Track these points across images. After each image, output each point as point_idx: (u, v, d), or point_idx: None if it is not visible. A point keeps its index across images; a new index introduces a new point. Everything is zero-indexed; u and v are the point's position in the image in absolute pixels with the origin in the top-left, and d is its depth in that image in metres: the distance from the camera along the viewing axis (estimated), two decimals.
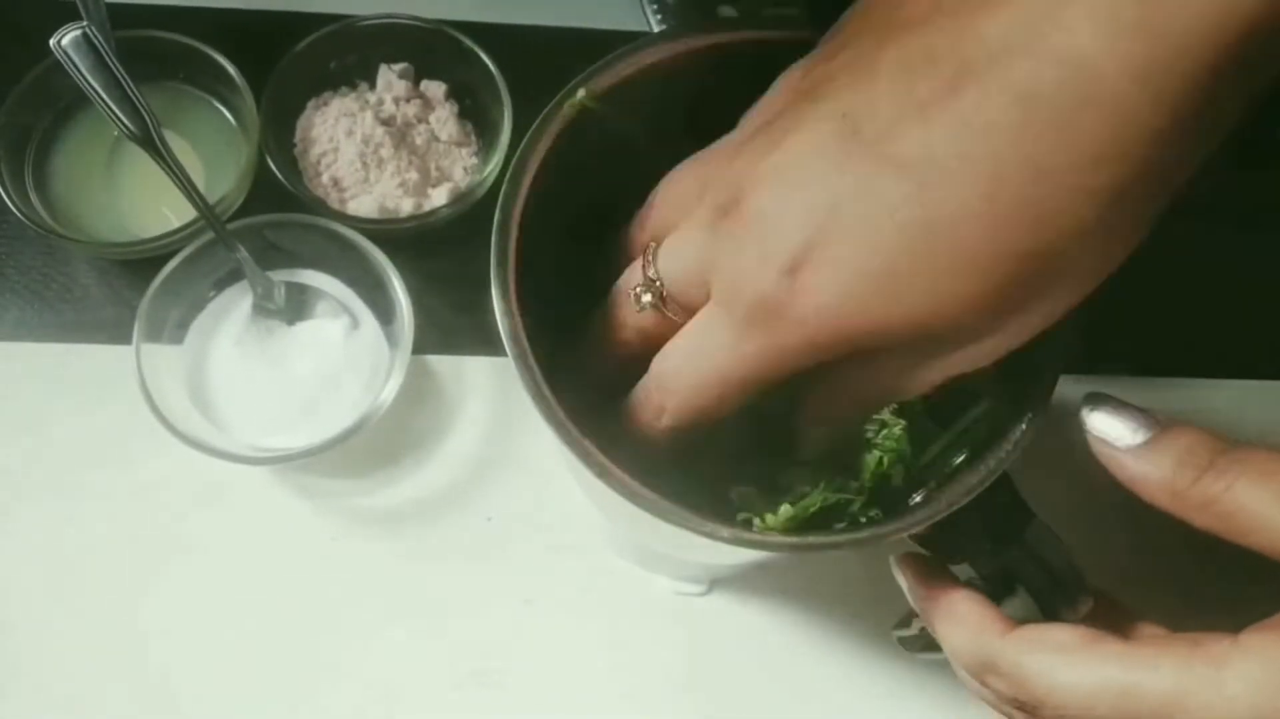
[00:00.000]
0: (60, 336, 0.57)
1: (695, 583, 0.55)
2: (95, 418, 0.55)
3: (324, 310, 0.57)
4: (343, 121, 0.59)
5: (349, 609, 0.53)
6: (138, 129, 0.51)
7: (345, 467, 0.56)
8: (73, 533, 0.53)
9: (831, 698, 0.54)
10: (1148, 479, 0.34)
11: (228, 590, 0.53)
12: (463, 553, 0.55)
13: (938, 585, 0.39)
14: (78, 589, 0.53)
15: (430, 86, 0.61)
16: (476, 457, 0.57)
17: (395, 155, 0.58)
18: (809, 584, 0.55)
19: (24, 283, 0.58)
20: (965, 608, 0.37)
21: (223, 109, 0.60)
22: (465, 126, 0.61)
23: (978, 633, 0.36)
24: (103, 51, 0.49)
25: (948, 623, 0.37)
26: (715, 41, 0.43)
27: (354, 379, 0.55)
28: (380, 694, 0.52)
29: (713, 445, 0.45)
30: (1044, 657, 0.34)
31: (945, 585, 0.39)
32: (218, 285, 0.56)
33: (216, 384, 0.55)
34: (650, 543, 0.50)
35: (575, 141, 0.42)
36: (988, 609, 0.37)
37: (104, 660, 0.52)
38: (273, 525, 0.55)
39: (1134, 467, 0.34)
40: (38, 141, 0.58)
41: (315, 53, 0.59)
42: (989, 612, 0.36)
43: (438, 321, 0.59)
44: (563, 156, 0.42)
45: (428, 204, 0.59)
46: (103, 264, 0.59)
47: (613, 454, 0.36)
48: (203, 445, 0.51)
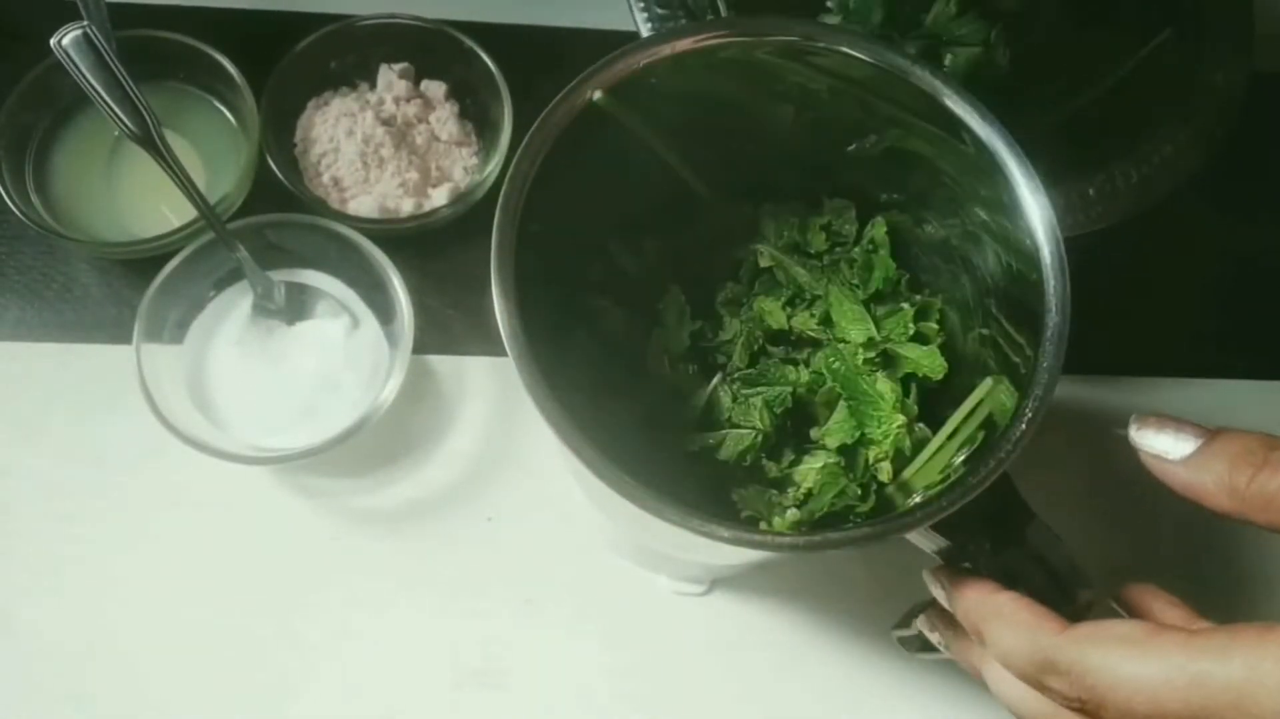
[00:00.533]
0: (60, 336, 0.57)
1: (696, 583, 0.55)
2: (95, 417, 0.55)
3: (324, 310, 0.57)
4: (343, 121, 0.59)
5: (350, 609, 0.53)
6: (138, 129, 0.51)
7: (345, 466, 0.56)
8: (72, 532, 0.53)
9: (833, 697, 0.54)
10: (1204, 486, 0.34)
11: (228, 590, 0.53)
12: (463, 552, 0.55)
13: (980, 589, 0.37)
14: (77, 588, 0.53)
15: (430, 86, 0.61)
16: (477, 456, 0.57)
17: (395, 155, 0.58)
18: (810, 584, 0.55)
19: (24, 282, 0.58)
20: (1015, 608, 0.35)
21: (223, 109, 0.60)
22: (466, 127, 0.61)
23: (1033, 632, 0.34)
24: (103, 51, 0.49)
25: (998, 625, 0.35)
26: (714, 41, 0.43)
27: (354, 379, 0.55)
28: (381, 693, 0.52)
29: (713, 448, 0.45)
30: (1107, 649, 0.32)
31: (989, 589, 0.37)
32: (218, 285, 0.56)
33: (216, 384, 0.55)
34: (650, 543, 0.50)
35: (576, 141, 0.42)
36: (1039, 608, 0.35)
37: (103, 659, 0.52)
38: (273, 525, 0.55)
39: (1188, 476, 0.34)
40: (38, 141, 0.58)
41: (315, 52, 0.59)
42: (1041, 610, 0.35)
43: (438, 321, 0.59)
44: (564, 156, 0.42)
45: (428, 204, 0.59)
46: (103, 264, 0.59)
47: (612, 454, 0.36)
48: (203, 445, 0.51)
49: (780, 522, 0.42)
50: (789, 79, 0.43)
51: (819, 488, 0.43)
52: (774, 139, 0.46)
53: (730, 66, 0.43)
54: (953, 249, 0.45)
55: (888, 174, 0.46)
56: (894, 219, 0.47)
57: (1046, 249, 0.38)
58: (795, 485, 0.44)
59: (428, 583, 0.54)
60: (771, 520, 0.43)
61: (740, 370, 0.46)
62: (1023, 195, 0.39)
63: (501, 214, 0.40)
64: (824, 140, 0.46)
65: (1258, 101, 0.55)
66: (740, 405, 0.44)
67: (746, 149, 0.46)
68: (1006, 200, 0.39)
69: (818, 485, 0.43)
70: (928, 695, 0.54)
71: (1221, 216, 0.65)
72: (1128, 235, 0.52)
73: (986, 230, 0.42)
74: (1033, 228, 0.39)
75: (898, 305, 0.46)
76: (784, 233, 0.48)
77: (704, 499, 0.44)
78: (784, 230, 0.48)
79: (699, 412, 0.45)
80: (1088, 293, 0.39)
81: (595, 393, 0.44)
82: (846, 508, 0.43)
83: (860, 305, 0.45)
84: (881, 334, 0.45)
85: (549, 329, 0.41)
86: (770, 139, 0.46)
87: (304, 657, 0.52)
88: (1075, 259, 0.38)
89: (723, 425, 0.45)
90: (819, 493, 0.43)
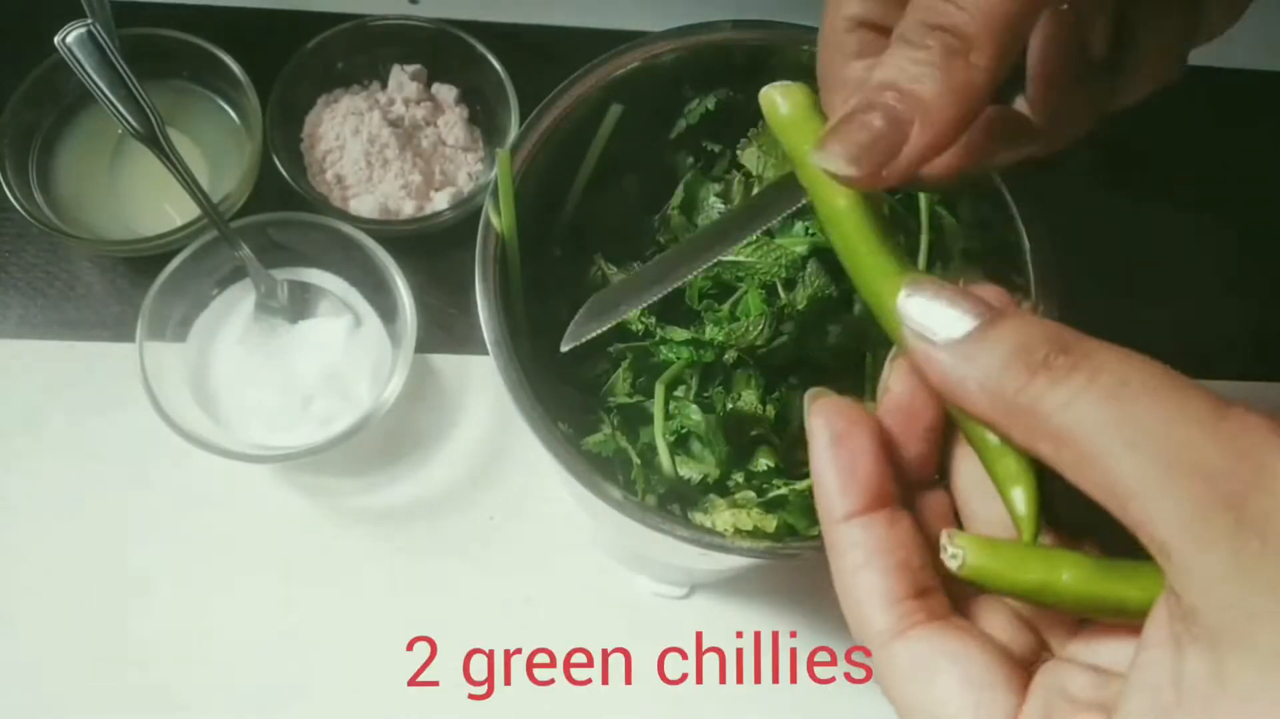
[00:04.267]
0: (63, 334, 0.57)
1: (676, 586, 0.55)
2: (98, 415, 0.55)
3: (327, 309, 0.57)
4: (350, 120, 0.59)
5: (350, 606, 0.54)
6: (142, 127, 0.51)
7: (347, 465, 0.56)
8: (74, 529, 0.54)
9: (818, 708, 0.54)
10: (965, 384, 0.24)
11: (229, 588, 0.53)
12: (464, 551, 0.55)
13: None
14: (79, 585, 0.53)
15: (441, 90, 0.61)
16: (479, 455, 0.57)
17: (400, 156, 0.58)
18: (791, 593, 0.55)
19: (27, 280, 0.58)
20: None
21: (227, 107, 0.60)
22: (473, 132, 0.61)
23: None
24: (107, 49, 0.49)
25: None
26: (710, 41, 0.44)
27: (357, 378, 0.55)
28: (381, 692, 0.52)
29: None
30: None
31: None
32: (221, 283, 0.56)
33: (219, 382, 0.55)
34: (630, 543, 0.51)
35: (565, 142, 0.43)
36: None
37: (104, 657, 0.52)
38: (275, 523, 0.55)
39: (950, 366, 0.24)
40: (42, 139, 0.58)
41: (325, 52, 0.59)
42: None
43: (440, 320, 0.59)
44: (553, 156, 0.43)
45: (429, 207, 0.59)
46: (106, 262, 0.59)
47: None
48: (205, 443, 0.51)
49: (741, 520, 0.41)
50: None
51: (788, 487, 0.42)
52: None
53: (729, 66, 0.43)
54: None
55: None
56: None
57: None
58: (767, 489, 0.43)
59: (429, 581, 0.54)
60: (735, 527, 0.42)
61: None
62: None
63: (486, 215, 0.40)
64: None
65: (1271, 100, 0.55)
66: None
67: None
68: None
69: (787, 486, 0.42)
70: None
71: (1224, 216, 0.65)
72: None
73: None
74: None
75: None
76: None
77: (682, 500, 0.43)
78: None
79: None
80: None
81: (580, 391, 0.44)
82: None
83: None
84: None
85: (536, 330, 0.42)
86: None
87: (304, 654, 0.53)
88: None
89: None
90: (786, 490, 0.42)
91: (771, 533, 0.39)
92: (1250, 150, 0.67)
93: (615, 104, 0.44)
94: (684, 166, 0.47)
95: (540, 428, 0.38)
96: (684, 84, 0.45)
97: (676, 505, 0.42)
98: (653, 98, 0.45)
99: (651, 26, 0.44)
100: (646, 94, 0.44)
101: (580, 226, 0.46)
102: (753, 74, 0.45)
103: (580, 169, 0.45)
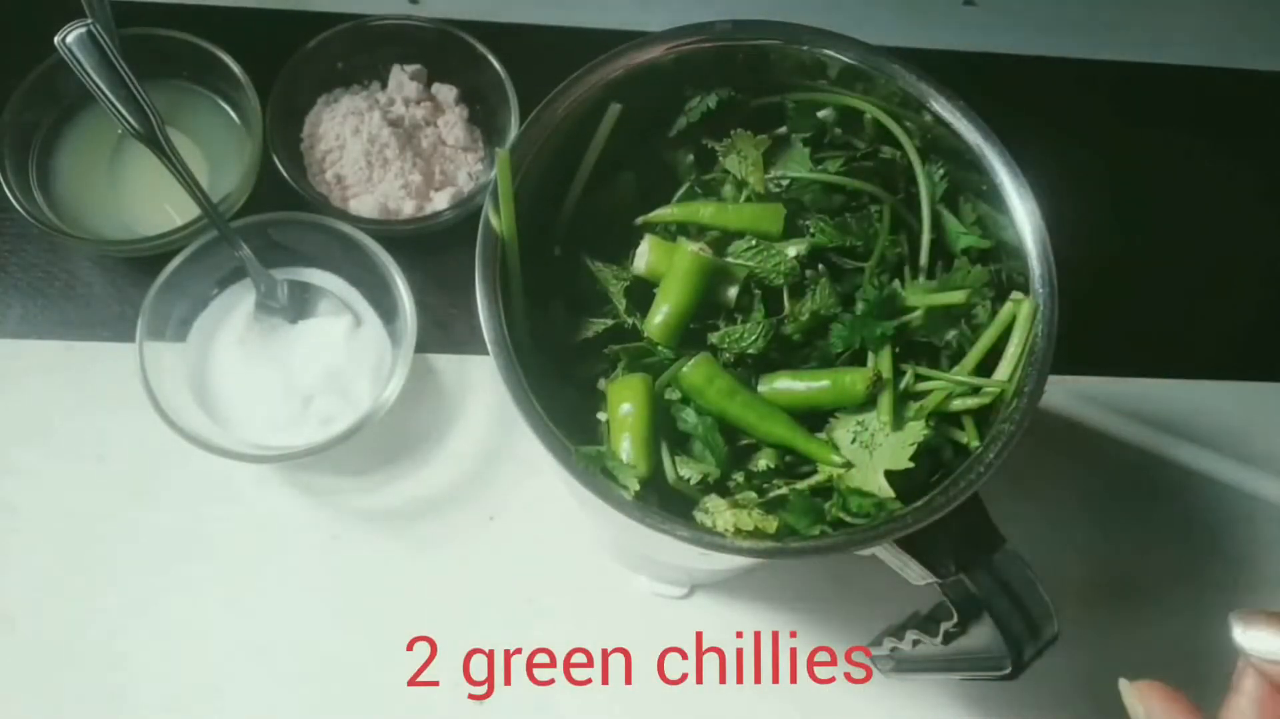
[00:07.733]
0: (63, 334, 0.57)
1: (676, 586, 0.55)
2: (98, 414, 0.55)
3: (327, 308, 0.57)
4: (350, 119, 0.59)
5: (350, 606, 0.54)
6: (142, 127, 0.51)
7: (347, 465, 0.56)
8: (75, 529, 0.54)
9: (818, 708, 0.54)
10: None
11: (229, 587, 0.53)
12: (465, 551, 0.55)
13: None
14: (80, 584, 0.53)
15: (442, 90, 0.61)
16: (479, 455, 0.57)
17: (400, 156, 0.58)
18: (791, 593, 0.55)
19: (27, 280, 0.58)
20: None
21: (227, 107, 0.60)
22: (473, 132, 0.61)
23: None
24: (107, 49, 0.49)
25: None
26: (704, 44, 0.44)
27: (357, 377, 0.55)
28: (381, 691, 0.52)
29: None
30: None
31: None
32: (221, 283, 0.56)
33: (219, 382, 0.55)
34: (630, 543, 0.50)
35: (565, 142, 0.43)
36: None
37: (104, 656, 0.52)
38: (274, 523, 0.55)
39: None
40: (41, 139, 0.58)
41: (325, 52, 0.60)
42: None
43: (440, 320, 0.59)
44: (553, 156, 0.42)
45: (429, 207, 0.59)
46: (106, 261, 0.59)
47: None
48: (205, 443, 0.51)
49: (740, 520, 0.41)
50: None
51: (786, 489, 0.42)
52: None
53: (728, 67, 0.43)
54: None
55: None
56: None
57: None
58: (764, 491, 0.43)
59: (429, 581, 0.54)
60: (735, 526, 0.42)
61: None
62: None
63: (486, 217, 0.40)
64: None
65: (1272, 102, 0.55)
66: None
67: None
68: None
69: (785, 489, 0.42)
70: (910, 701, 0.54)
71: (1227, 217, 0.65)
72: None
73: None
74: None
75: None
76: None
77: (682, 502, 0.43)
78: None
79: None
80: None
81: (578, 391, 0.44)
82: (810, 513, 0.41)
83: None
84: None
85: (535, 331, 0.42)
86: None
87: (304, 654, 0.53)
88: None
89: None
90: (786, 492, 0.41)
91: (772, 533, 0.39)
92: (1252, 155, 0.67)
93: (614, 103, 0.44)
94: (683, 165, 0.47)
95: (540, 428, 0.38)
96: (684, 84, 0.45)
97: (677, 505, 0.42)
98: (652, 97, 0.45)
99: (651, 26, 0.44)
100: (646, 94, 0.44)
101: (580, 226, 0.46)
102: (753, 74, 0.45)
103: (580, 169, 0.45)
